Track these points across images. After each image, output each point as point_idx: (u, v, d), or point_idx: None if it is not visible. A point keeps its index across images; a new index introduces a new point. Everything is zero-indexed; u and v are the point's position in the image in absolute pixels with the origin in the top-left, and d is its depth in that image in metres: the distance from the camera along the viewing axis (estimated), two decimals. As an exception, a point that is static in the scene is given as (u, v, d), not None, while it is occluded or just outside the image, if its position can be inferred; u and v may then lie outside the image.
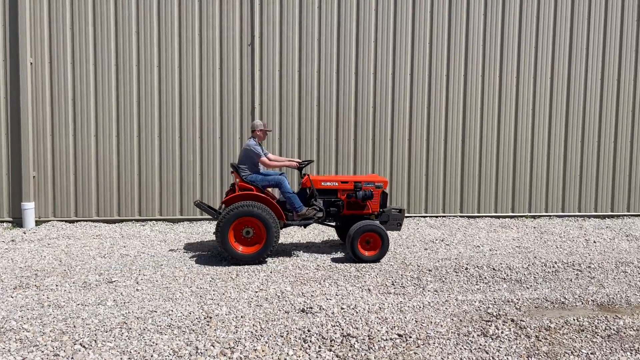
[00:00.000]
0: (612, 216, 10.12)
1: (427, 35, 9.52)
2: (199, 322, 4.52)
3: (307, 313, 4.76)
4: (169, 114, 9.14)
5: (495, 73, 9.72)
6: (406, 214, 9.63)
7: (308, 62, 9.31)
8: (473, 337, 4.22)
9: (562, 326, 4.45)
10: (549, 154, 9.94)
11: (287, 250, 7.32)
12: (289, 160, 7.18)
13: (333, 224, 7.40)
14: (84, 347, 3.99)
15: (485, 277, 6.02)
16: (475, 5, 9.57)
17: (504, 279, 5.98)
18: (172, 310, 4.80)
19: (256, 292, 5.41)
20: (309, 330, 4.32)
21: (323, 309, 4.85)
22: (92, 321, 4.50)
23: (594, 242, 8.01)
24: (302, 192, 7.17)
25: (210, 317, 4.62)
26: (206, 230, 8.70)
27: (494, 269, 6.37)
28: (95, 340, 4.10)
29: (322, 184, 7.07)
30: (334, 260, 6.76)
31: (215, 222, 6.74)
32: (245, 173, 6.86)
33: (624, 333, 4.31)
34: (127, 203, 9.14)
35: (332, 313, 4.74)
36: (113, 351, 3.92)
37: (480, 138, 9.79)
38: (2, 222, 9.03)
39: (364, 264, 6.53)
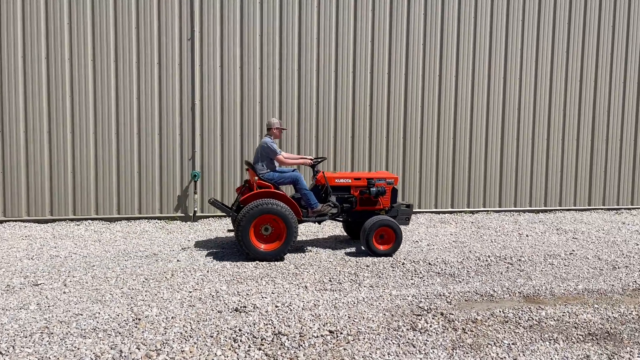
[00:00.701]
0: (545, 210, 10.56)
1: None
2: (126, 324, 4.38)
3: (240, 312, 4.70)
4: (105, 110, 8.82)
5: (436, 72, 9.93)
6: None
7: (250, 58, 9.20)
8: (402, 331, 4.29)
9: (488, 318, 4.59)
10: (486, 151, 10.26)
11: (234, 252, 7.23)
12: (303, 158, 7.22)
13: (341, 219, 7.40)
14: (0, 353, 3.79)
15: (421, 272, 6.13)
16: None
17: (439, 273, 6.12)
18: (99, 313, 4.63)
19: (190, 292, 5.30)
20: (240, 330, 4.26)
21: (257, 307, 4.81)
22: (12, 326, 4.28)
23: (527, 235, 8.33)
24: (315, 189, 7.23)
25: (139, 319, 4.48)
26: (144, 230, 8.47)
27: (429, 263, 6.50)
28: (13, 347, 3.90)
29: (336, 180, 7.19)
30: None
31: (225, 218, 6.61)
32: (262, 171, 6.89)
33: (545, 323, 4.49)
34: (61, 202, 8.77)
35: (266, 311, 4.70)
36: (31, 357, 3.74)
37: (420, 135, 9.98)
38: None
39: (302, 261, 6.53)
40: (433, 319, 4.57)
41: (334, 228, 8.93)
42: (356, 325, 4.41)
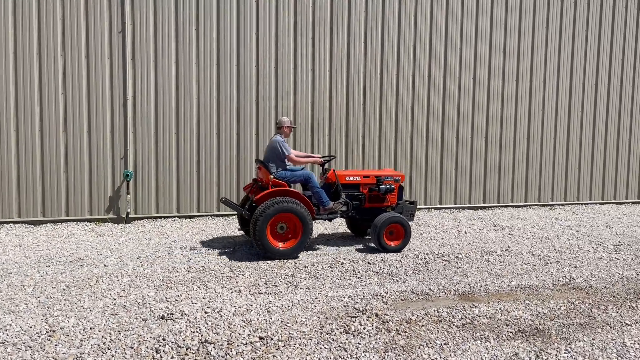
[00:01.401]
0: (484, 207, 10.77)
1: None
2: (39, 337, 4.04)
3: (166, 320, 4.44)
4: (27, 105, 8.24)
5: (377, 70, 9.92)
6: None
7: (186, 53, 8.86)
8: (335, 334, 4.16)
9: (423, 318, 4.54)
10: (427, 150, 10.34)
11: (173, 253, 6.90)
12: (313, 157, 7.33)
13: (349, 216, 7.45)
14: None
15: (359, 272, 6.05)
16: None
17: (377, 272, 6.05)
18: (10, 325, 4.26)
19: (114, 299, 4.98)
20: (164, 339, 4.01)
21: (185, 314, 4.56)
22: None
23: (465, 232, 8.43)
24: (325, 187, 7.27)
25: (53, 331, 4.14)
26: (71, 233, 7.97)
27: (368, 262, 6.43)
28: None
29: (346, 178, 7.29)
30: (218, 258, 6.46)
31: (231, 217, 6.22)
32: (275, 169, 6.90)
33: (478, 322, 4.48)
34: (-21, 205, 8.15)
35: (195, 318, 4.47)
36: None
37: (362, 134, 9.94)
38: None
39: (238, 264, 6.30)
40: (367, 320, 4.47)
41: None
42: (288, 330, 4.25)
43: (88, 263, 6.27)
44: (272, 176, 6.78)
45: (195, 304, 4.86)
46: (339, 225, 8.95)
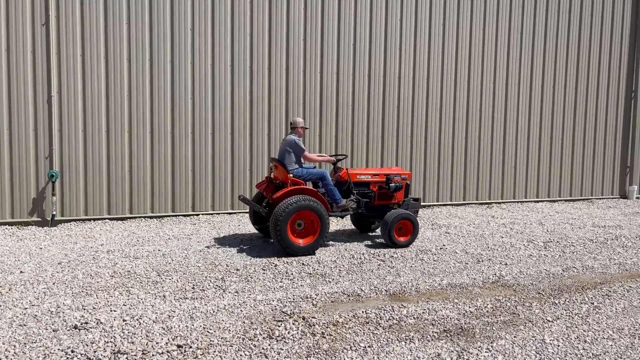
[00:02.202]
0: (424, 206, 10.90)
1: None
2: None
3: (79, 330, 4.16)
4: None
5: (317, 69, 9.84)
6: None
7: (116, 47, 8.47)
8: (258, 340, 4.02)
9: (350, 320, 4.47)
10: (367, 150, 10.35)
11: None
12: (325, 156, 7.52)
13: (360, 213, 7.65)
14: None
15: (292, 273, 5.92)
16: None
17: (310, 273, 5.95)
18: None
19: (26, 308, 4.64)
20: (73, 351, 3.75)
21: (101, 323, 4.29)
22: None
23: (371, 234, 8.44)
24: (337, 184, 7.49)
25: (-51, 346, 3.80)
26: (-10, 238, 7.47)
27: (303, 264, 6.32)
28: None
29: (358, 177, 7.53)
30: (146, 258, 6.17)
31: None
32: (292, 167, 7.04)
33: (405, 322, 4.45)
34: None
35: (111, 327, 4.21)
36: None
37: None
38: None
39: (166, 267, 6.05)
40: (294, 324, 4.35)
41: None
42: (209, 336, 4.07)
43: (2, 270, 5.86)
44: (291, 175, 6.92)
45: (114, 311, 4.59)
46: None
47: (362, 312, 4.65)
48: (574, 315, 4.64)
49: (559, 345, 4.02)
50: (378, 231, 8.50)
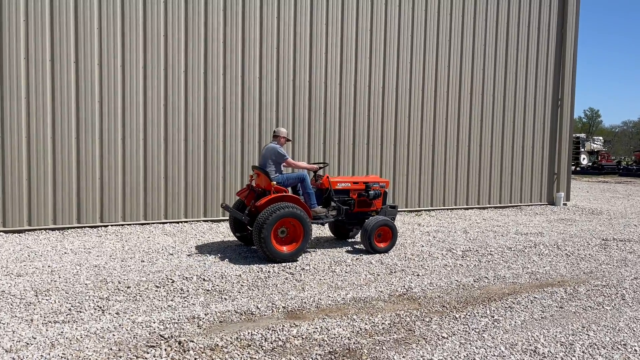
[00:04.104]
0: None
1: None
2: None
3: None
4: None
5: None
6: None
7: (62, 49, 7.82)
8: (117, 371, 3.57)
9: (231, 343, 4.08)
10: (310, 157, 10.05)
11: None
12: (307, 164, 7.68)
13: (339, 220, 7.64)
14: None
15: (188, 290, 5.49)
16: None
17: (209, 290, 5.53)
18: None
19: None
20: None
21: (-60, 355, 3.73)
22: None
23: (325, 242, 8.16)
24: (317, 192, 7.55)
25: None
26: None
27: (204, 279, 5.88)
28: None
29: (338, 184, 7.57)
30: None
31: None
32: (274, 174, 7.08)
33: (291, 343, 4.10)
34: None
35: (-51, 360, 3.66)
36: None
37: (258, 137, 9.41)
38: None
39: (49, 286, 5.47)
40: (165, 350, 3.92)
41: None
42: (62, 368, 3.59)
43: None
44: (274, 182, 6.90)
45: (-36, 340, 4.03)
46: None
47: (248, 333, 4.28)
48: (470, 331, 4.43)
49: (447, 366, 3.77)
50: (357, 237, 8.45)
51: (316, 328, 4.42)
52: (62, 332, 4.25)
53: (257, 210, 6.78)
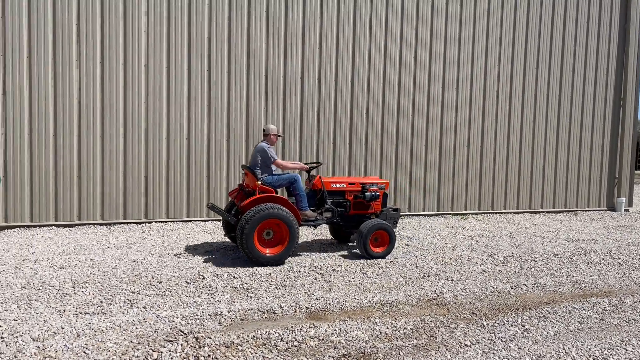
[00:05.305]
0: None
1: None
2: None
3: (-53, 348, 3.83)
4: None
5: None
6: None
7: (65, 48, 8.21)
8: (131, 363, 3.65)
9: (247, 341, 4.08)
10: (334, 157, 9.99)
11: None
12: (299, 164, 7.27)
13: (336, 223, 7.37)
14: None
15: (217, 287, 5.56)
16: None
17: (236, 288, 5.58)
18: None
19: None
20: None
21: (-26, 340, 3.95)
22: None
23: (350, 244, 8.04)
24: (310, 192, 7.30)
25: None
26: None
27: (234, 277, 5.94)
28: None
29: (332, 185, 7.24)
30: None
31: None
32: (261, 175, 6.89)
33: (306, 344, 4.05)
34: None
35: (-18, 345, 3.87)
36: None
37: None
38: None
39: (87, 279, 5.70)
40: (182, 345, 3.98)
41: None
42: (81, 358, 3.71)
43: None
44: (259, 182, 6.70)
45: (0, 326, 4.25)
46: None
47: (266, 332, 4.26)
48: (496, 339, 4.21)
49: (465, 375, 3.60)
50: None
51: (335, 330, 4.35)
52: (89, 323, 4.40)
53: (243, 211, 6.55)
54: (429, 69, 10.56)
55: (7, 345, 3.89)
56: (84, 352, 3.81)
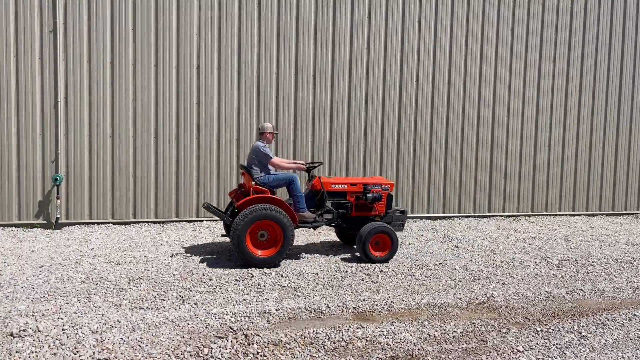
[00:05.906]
0: (442, 217, 10.28)
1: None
2: None
3: (14, 337, 4.07)
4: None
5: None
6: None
7: (122, 52, 8.54)
8: (184, 358, 3.76)
9: (295, 340, 4.12)
10: (380, 156, 9.92)
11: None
12: (296, 163, 7.12)
13: (335, 225, 7.21)
14: None
15: (265, 285, 5.64)
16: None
17: (284, 286, 5.64)
18: None
19: None
20: (-10, 360, 3.64)
21: (39, 331, 4.18)
22: None
23: (409, 244, 7.95)
24: (310, 193, 7.10)
25: None
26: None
27: (282, 275, 6.01)
28: None
29: (332, 186, 7.03)
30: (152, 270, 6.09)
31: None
32: (258, 174, 6.74)
33: (353, 345, 4.05)
34: None
35: (46, 337, 4.08)
36: None
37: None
38: None
39: (141, 275, 5.91)
40: (231, 341, 4.06)
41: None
42: (136, 351, 3.86)
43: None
44: (253, 182, 6.63)
45: (61, 319, 4.47)
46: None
47: (313, 331, 4.29)
48: (551, 346, 4.07)
49: (518, 382, 3.50)
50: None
51: (382, 331, 4.33)
52: (144, 317, 4.57)
53: (239, 211, 6.43)
54: (480, 66, 10.31)
55: (67, 337, 4.08)
56: (139, 346, 3.96)
